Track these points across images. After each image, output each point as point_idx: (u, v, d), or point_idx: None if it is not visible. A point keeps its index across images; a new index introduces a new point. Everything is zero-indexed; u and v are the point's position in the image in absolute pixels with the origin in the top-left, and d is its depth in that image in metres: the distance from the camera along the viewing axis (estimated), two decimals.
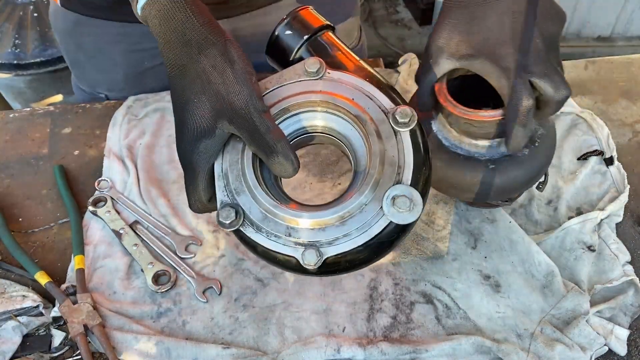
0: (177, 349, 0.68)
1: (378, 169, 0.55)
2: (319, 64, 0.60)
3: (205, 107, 0.56)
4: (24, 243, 0.79)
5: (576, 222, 0.80)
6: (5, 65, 1.76)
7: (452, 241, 0.79)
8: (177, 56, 0.58)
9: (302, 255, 0.54)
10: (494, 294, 0.74)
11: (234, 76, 0.55)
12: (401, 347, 0.68)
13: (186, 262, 0.77)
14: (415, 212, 0.54)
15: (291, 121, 0.61)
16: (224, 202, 0.56)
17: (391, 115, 0.57)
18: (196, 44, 0.57)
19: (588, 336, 0.69)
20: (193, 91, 0.57)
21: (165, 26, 0.59)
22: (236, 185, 0.56)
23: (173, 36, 0.58)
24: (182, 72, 0.58)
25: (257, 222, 0.55)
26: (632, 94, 1.03)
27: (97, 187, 0.85)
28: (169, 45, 0.58)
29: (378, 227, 0.54)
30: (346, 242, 0.54)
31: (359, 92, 0.60)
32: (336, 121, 0.61)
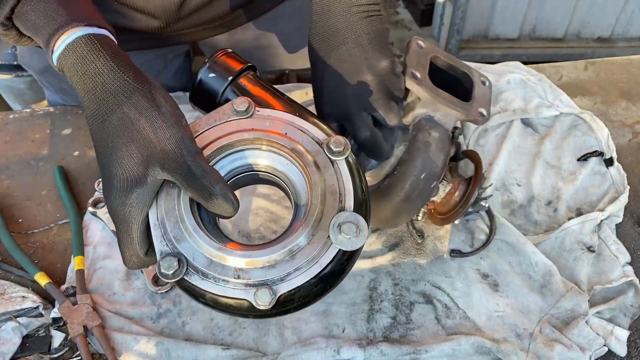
0: (177, 350, 0.68)
1: (320, 199, 0.55)
2: (247, 102, 0.60)
3: (133, 155, 0.53)
4: (24, 244, 0.79)
5: (576, 223, 0.80)
6: (6, 67, 1.76)
7: (451, 241, 0.79)
8: (99, 105, 0.55)
9: (254, 296, 0.52)
10: (492, 293, 0.74)
11: (162, 120, 0.53)
12: (401, 347, 0.68)
13: None
14: (362, 236, 0.54)
15: (226, 161, 0.60)
16: (164, 252, 0.53)
17: (325, 146, 0.58)
18: (119, 92, 0.55)
19: (587, 336, 0.69)
20: (119, 140, 0.54)
21: (84, 75, 0.56)
22: (175, 232, 0.54)
23: (93, 85, 0.55)
24: (105, 121, 0.55)
25: (203, 268, 0.53)
26: (632, 95, 1.03)
27: (97, 188, 0.85)
28: (89, 94, 0.56)
29: (328, 256, 0.54)
30: (298, 276, 0.53)
31: (291, 127, 0.60)
32: (272, 157, 0.60)
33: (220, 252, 0.53)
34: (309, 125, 0.60)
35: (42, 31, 0.58)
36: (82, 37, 0.56)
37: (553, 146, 0.92)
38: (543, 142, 0.92)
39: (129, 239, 0.55)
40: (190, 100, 0.69)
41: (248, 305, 0.53)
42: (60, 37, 0.56)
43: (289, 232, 0.56)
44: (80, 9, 0.59)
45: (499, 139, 0.92)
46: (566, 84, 1.04)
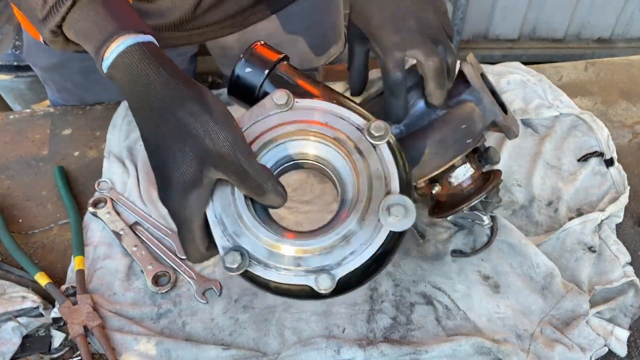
0: (177, 350, 0.68)
1: (367, 185, 0.58)
2: (287, 95, 0.61)
3: (190, 158, 0.55)
4: (24, 244, 0.79)
5: (577, 223, 0.80)
6: (6, 67, 1.76)
7: (452, 242, 0.79)
8: (151, 112, 0.57)
9: (315, 282, 0.55)
10: (493, 295, 0.74)
11: (215, 123, 0.55)
12: (401, 348, 0.68)
13: (186, 263, 0.77)
14: (410, 217, 0.56)
15: (271, 154, 0.62)
16: (226, 247, 0.57)
17: (366, 131, 0.60)
18: (172, 98, 0.56)
19: (588, 337, 0.69)
20: (175, 145, 0.56)
21: (136, 83, 0.58)
22: (234, 228, 0.57)
23: (145, 92, 0.57)
24: (159, 126, 0.57)
25: (264, 259, 0.56)
26: (632, 96, 1.03)
27: (97, 188, 0.85)
28: (141, 101, 0.58)
29: (379, 239, 0.57)
30: (353, 259, 0.56)
31: (330, 115, 0.62)
32: (316, 147, 0.62)
33: (278, 242, 0.56)
34: (348, 112, 0.62)
35: (92, 39, 0.60)
36: (132, 45, 0.58)
37: (553, 147, 0.92)
38: (543, 143, 0.92)
39: (190, 237, 0.58)
40: (229, 94, 0.71)
41: (309, 290, 0.56)
42: (111, 46, 0.58)
43: (339, 218, 0.59)
44: (128, 17, 0.61)
45: (499, 140, 0.92)
46: (566, 84, 1.04)
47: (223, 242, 0.57)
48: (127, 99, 0.59)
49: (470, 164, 0.72)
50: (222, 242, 0.57)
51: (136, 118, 0.59)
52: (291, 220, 0.82)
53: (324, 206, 0.84)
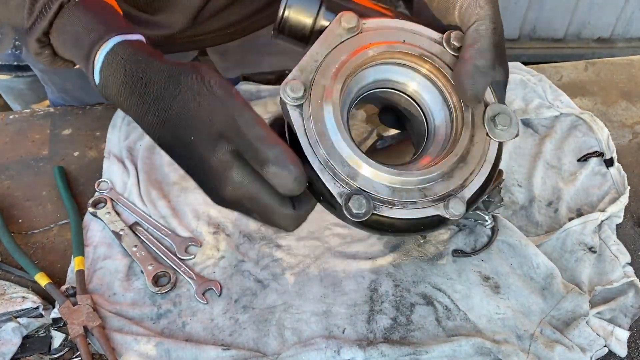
0: (177, 351, 0.68)
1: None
2: (355, 17, 0.56)
3: (207, 141, 0.53)
4: (24, 244, 0.79)
5: (577, 224, 0.80)
6: (5, 67, 1.76)
7: (453, 242, 0.79)
8: (154, 105, 0.55)
9: (446, 210, 0.53)
10: (493, 295, 0.74)
11: (213, 95, 0.53)
12: (401, 348, 0.68)
13: (186, 264, 0.77)
14: (515, 125, 0.54)
15: (353, 83, 0.58)
16: (344, 193, 0.52)
17: (446, 43, 0.55)
18: (168, 83, 0.55)
19: (588, 337, 0.69)
20: (188, 131, 0.54)
21: (131, 77, 0.56)
22: (347, 170, 0.52)
23: (141, 86, 0.55)
24: (166, 120, 0.55)
25: (388, 197, 0.52)
26: (632, 96, 1.03)
27: (97, 189, 0.85)
28: (141, 97, 0.56)
29: (492, 152, 0.55)
30: (474, 178, 0.54)
31: (404, 33, 0.57)
32: (400, 71, 0.58)
33: (400, 177, 0.53)
34: (421, 27, 0.57)
35: (81, 43, 0.59)
36: (120, 42, 0.57)
37: (553, 147, 0.92)
38: (543, 143, 0.92)
39: (268, 209, 0.53)
40: (277, 34, 0.65)
41: (440, 219, 0.54)
42: (101, 47, 0.57)
43: (452, 143, 0.55)
44: (116, 21, 0.61)
45: None
46: (566, 84, 1.04)
47: (338, 189, 0.52)
48: (126, 101, 0.57)
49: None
50: (337, 189, 0.52)
51: (140, 119, 0.57)
52: None
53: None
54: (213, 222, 0.82)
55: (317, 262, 0.77)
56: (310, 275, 0.76)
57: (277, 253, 0.78)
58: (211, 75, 0.55)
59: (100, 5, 0.62)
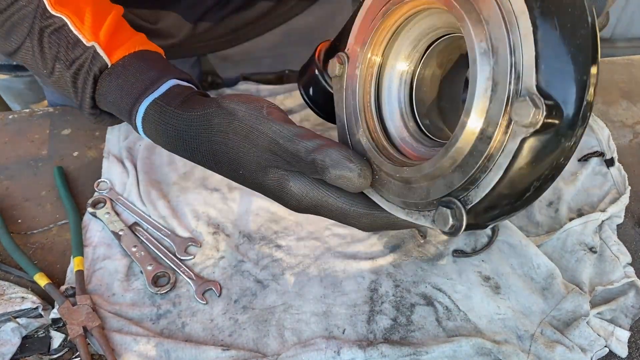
0: (177, 351, 0.68)
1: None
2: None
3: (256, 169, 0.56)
4: (23, 244, 0.79)
5: (577, 224, 0.80)
6: (5, 67, 1.76)
7: (453, 243, 0.79)
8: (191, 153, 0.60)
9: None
10: (494, 296, 0.74)
11: (242, 125, 0.55)
12: (401, 349, 0.68)
13: (185, 264, 0.77)
14: None
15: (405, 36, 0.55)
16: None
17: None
18: (198, 131, 0.58)
19: (588, 337, 0.69)
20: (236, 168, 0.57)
21: (164, 134, 0.61)
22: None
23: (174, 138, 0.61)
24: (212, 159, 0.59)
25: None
26: (633, 95, 1.03)
27: (97, 189, 0.85)
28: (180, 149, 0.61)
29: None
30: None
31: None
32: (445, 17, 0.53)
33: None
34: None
35: (122, 111, 0.65)
36: (151, 104, 0.61)
37: None
38: None
39: (340, 211, 0.53)
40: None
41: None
42: (137, 112, 0.62)
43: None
44: (146, 78, 0.64)
45: None
46: None
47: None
48: (173, 151, 0.63)
49: None
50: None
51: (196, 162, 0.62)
52: (291, 220, 0.82)
53: None
54: (213, 222, 0.81)
55: (317, 263, 0.77)
56: (310, 276, 0.76)
57: (277, 253, 0.78)
58: (238, 105, 0.56)
59: (132, 65, 0.65)
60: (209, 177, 0.87)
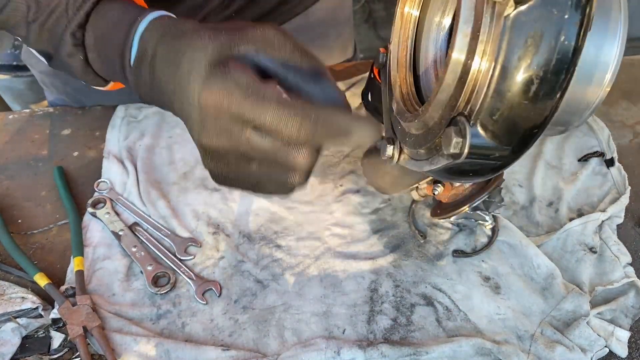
0: (177, 351, 0.68)
1: None
2: None
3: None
4: (23, 244, 0.79)
5: (577, 224, 0.80)
6: (5, 67, 1.76)
7: (453, 243, 0.79)
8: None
9: None
10: (494, 296, 0.74)
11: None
12: (401, 349, 0.68)
13: (185, 264, 0.77)
14: None
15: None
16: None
17: None
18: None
19: (588, 338, 0.69)
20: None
21: (167, 33, 0.54)
22: None
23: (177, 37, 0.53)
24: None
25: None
26: (633, 95, 1.03)
27: (97, 189, 0.85)
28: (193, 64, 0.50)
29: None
30: None
31: None
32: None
33: None
34: None
35: (120, 24, 0.57)
36: (163, 15, 0.56)
37: (554, 147, 0.92)
38: (544, 143, 0.92)
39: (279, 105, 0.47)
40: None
41: None
42: (139, 26, 0.55)
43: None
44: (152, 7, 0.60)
45: None
46: None
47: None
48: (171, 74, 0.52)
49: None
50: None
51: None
52: (291, 221, 0.82)
53: (324, 206, 0.84)
54: (213, 222, 0.82)
55: (317, 263, 0.77)
56: (310, 276, 0.76)
57: (277, 253, 0.78)
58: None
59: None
60: (209, 177, 0.87)
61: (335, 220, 0.82)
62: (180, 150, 0.91)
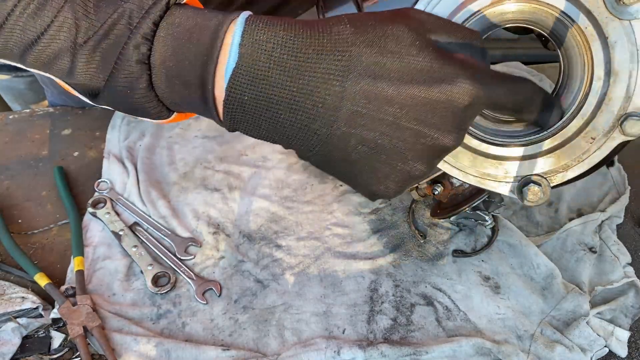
0: (177, 351, 0.68)
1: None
2: None
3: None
4: (24, 244, 0.79)
5: (577, 224, 0.80)
6: (5, 67, 1.76)
7: (453, 243, 0.79)
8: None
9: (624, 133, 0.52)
10: (494, 296, 0.74)
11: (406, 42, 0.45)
12: (401, 349, 0.68)
13: (186, 264, 0.77)
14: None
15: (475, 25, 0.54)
16: (515, 187, 0.55)
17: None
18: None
19: (588, 337, 0.69)
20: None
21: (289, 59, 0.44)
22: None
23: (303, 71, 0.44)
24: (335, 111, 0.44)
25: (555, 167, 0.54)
26: None
27: (97, 189, 0.85)
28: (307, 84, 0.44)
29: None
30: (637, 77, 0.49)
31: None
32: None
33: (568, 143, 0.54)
34: None
35: (203, 30, 0.45)
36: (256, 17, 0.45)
37: None
38: None
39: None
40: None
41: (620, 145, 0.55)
42: (230, 28, 0.44)
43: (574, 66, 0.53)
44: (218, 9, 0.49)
45: None
46: None
47: (505, 187, 0.56)
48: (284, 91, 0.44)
49: None
50: (505, 188, 0.56)
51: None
52: (291, 221, 0.82)
53: (324, 206, 0.84)
54: (213, 222, 0.82)
55: (317, 262, 0.77)
56: (310, 276, 0.76)
57: (277, 253, 0.78)
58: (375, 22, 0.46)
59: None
60: (209, 177, 0.87)
61: (335, 220, 0.82)
62: (181, 150, 0.91)
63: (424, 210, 0.83)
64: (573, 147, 0.53)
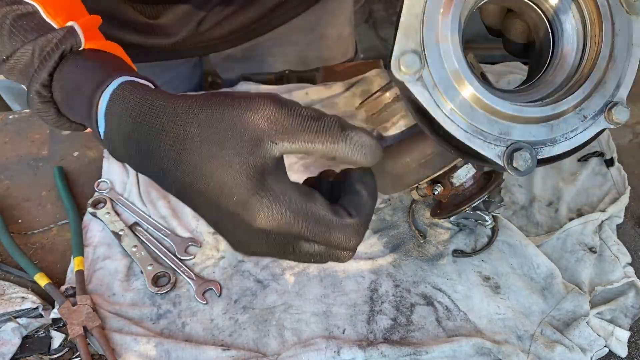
0: (177, 351, 0.68)
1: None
2: None
3: (237, 159, 0.46)
4: (24, 244, 0.79)
5: (577, 224, 0.80)
6: None
7: (453, 243, 0.79)
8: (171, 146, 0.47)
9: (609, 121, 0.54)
10: (494, 296, 0.74)
11: (250, 100, 0.48)
12: (401, 349, 0.68)
13: (186, 264, 0.77)
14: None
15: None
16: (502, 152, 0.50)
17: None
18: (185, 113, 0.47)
19: (588, 337, 0.69)
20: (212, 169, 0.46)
21: (136, 114, 0.48)
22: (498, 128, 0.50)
23: (149, 121, 0.48)
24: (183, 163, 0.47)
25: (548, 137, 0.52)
26: (633, 95, 1.01)
27: (97, 189, 0.85)
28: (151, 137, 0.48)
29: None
30: (628, 69, 0.51)
31: None
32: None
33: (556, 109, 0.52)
34: None
35: (84, 89, 0.53)
36: (128, 82, 0.51)
37: None
38: None
39: (323, 223, 0.48)
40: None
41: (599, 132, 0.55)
42: (106, 88, 0.51)
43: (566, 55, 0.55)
44: (123, 65, 0.57)
45: None
46: None
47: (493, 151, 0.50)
48: (134, 146, 0.49)
49: (471, 164, 0.72)
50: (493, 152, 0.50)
51: (159, 180, 0.50)
52: None
53: None
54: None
55: None
56: (310, 276, 0.76)
57: None
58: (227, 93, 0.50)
59: (106, 54, 0.57)
60: None
61: None
62: None
63: (424, 210, 0.83)
64: (566, 121, 0.52)
